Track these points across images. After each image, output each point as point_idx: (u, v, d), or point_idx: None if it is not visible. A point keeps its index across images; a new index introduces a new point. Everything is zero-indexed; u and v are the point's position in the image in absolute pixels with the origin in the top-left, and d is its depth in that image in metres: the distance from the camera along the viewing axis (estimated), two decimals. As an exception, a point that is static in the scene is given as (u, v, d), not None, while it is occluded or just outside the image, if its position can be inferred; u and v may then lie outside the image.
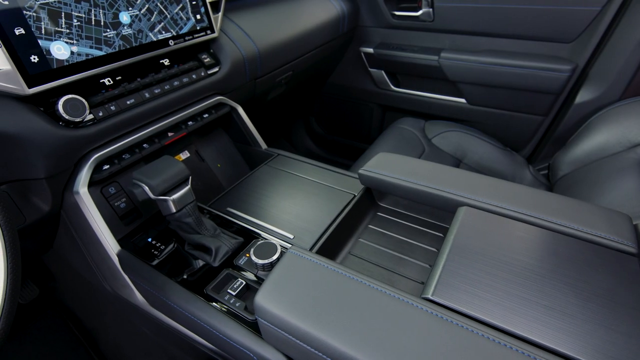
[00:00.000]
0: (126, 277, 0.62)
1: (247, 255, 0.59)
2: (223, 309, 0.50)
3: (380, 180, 0.61)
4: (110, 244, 0.61)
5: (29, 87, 0.51)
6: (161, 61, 0.71)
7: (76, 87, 0.58)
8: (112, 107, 0.61)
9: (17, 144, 0.52)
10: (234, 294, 0.52)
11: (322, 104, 1.75)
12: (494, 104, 1.26)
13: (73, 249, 0.68)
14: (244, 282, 0.54)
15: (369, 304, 0.39)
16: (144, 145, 0.69)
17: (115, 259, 0.61)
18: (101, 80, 0.62)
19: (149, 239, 0.64)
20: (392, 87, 1.45)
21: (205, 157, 0.88)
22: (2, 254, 0.37)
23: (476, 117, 1.32)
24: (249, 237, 0.62)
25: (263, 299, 0.42)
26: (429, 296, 0.41)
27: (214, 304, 0.51)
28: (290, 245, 0.59)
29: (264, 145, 0.90)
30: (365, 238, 0.62)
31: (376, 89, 1.50)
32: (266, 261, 0.54)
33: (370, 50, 1.39)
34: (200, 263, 0.60)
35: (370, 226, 0.64)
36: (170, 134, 0.73)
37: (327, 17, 1.19)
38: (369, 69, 1.45)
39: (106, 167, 0.63)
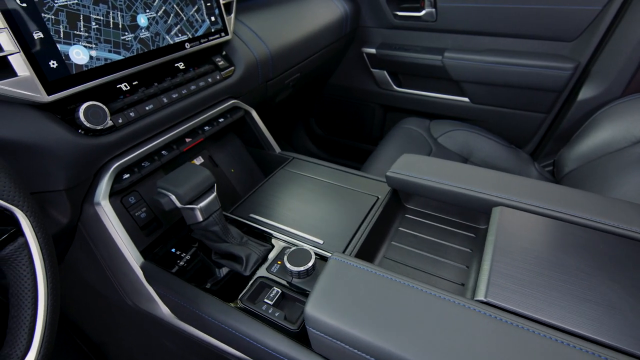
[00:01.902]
0: (150, 289, 0.60)
1: (279, 262, 0.57)
2: (262, 319, 0.49)
3: (410, 182, 0.61)
4: (133, 257, 0.59)
5: (49, 94, 0.48)
6: (176, 65, 0.69)
7: (94, 93, 0.55)
8: (131, 114, 0.59)
9: (36, 154, 0.49)
10: (271, 303, 0.51)
11: (322, 105, 1.74)
12: (497, 103, 1.28)
13: (90, 263, 0.65)
14: (280, 291, 0.52)
15: (424, 309, 0.39)
16: (163, 152, 0.66)
17: (139, 272, 0.59)
18: (118, 86, 0.59)
19: (173, 249, 0.62)
20: (394, 87, 1.45)
21: (219, 162, 0.86)
22: (42, 276, 0.35)
23: (479, 116, 1.34)
24: (276, 243, 0.61)
25: (314, 308, 0.40)
26: (483, 298, 0.41)
27: (251, 314, 0.50)
28: (321, 251, 0.58)
29: (277, 149, 0.89)
30: (398, 241, 0.61)
31: (378, 89, 1.50)
32: (302, 268, 0.53)
33: (373, 50, 1.39)
34: (224, 271, 0.58)
35: (400, 229, 0.63)
36: (188, 140, 0.71)
37: (331, 18, 1.19)
38: (371, 69, 1.45)
39: (126, 176, 0.60)
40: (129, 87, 0.60)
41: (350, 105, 1.65)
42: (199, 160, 0.82)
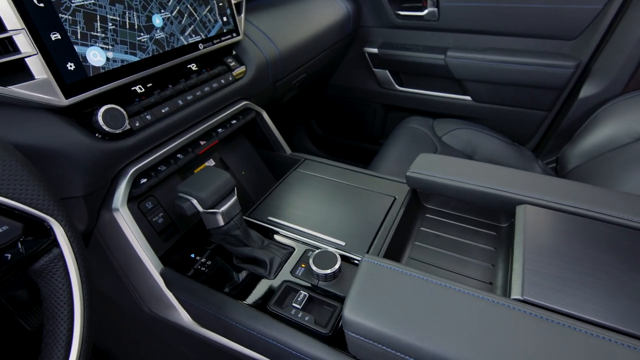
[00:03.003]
0: (170, 296, 0.58)
1: (303, 265, 0.57)
2: (292, 324, 0.48)
3: (430, 181, 0.61)
4: (153, 263, 0.57)
5: (66, 98, 0.46)
6: (189, 66, 0.67)
7: (109, 96, 0.54)
8: (148, 117, 0.57)
9: (54, 160, 0.47)
10: (299, 307, 0.50)
11: (323, 105, 1.74)
12: (499, 101, 1.29)
13: (104, 271, 0.63)
14: (307, 295, 0.52)
15: (463, 309, 0.39)
16: (178, 155, 0.65)
17: (159, 279, 0.57)
18: (132, 88, 0.58)
19: (192, 255, 0.60)
20: (396, 86, 1.46)
21: (230, 164, 0.84)
22: (77, 288, 0.33)
23: (481, 114, 1.35)
24: (297, 246, 0.60)
25: (352, 311, 0.40)
26: (519, 296, 0.41)
27: (280, 319, 0.49)
28: (345, 253, 0.58)
29: (288, 150, 0.88)
30: (421, 241, 0.61)
31: (379, 89, 1.50)
32: (329, 271, 0.52)
33: (375, 50, 1.39)
34: (242, 276, 0.57)
35: (422, 229, 0.63)
36: (202, 143, 0.69)
37: (335, 18, 1.18)
38: (373, 69, 1.45)
39: (144, 180, 0.59)
40: (143, 90, 0.59)
41: (351, 105, 1.64)
42: (210, 163, 0.80)
